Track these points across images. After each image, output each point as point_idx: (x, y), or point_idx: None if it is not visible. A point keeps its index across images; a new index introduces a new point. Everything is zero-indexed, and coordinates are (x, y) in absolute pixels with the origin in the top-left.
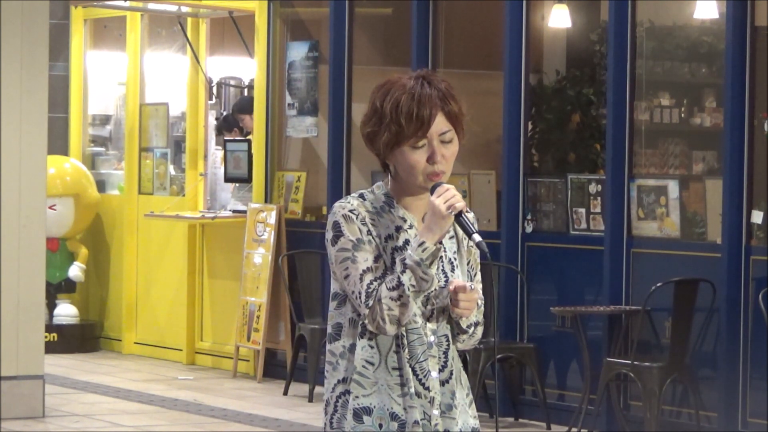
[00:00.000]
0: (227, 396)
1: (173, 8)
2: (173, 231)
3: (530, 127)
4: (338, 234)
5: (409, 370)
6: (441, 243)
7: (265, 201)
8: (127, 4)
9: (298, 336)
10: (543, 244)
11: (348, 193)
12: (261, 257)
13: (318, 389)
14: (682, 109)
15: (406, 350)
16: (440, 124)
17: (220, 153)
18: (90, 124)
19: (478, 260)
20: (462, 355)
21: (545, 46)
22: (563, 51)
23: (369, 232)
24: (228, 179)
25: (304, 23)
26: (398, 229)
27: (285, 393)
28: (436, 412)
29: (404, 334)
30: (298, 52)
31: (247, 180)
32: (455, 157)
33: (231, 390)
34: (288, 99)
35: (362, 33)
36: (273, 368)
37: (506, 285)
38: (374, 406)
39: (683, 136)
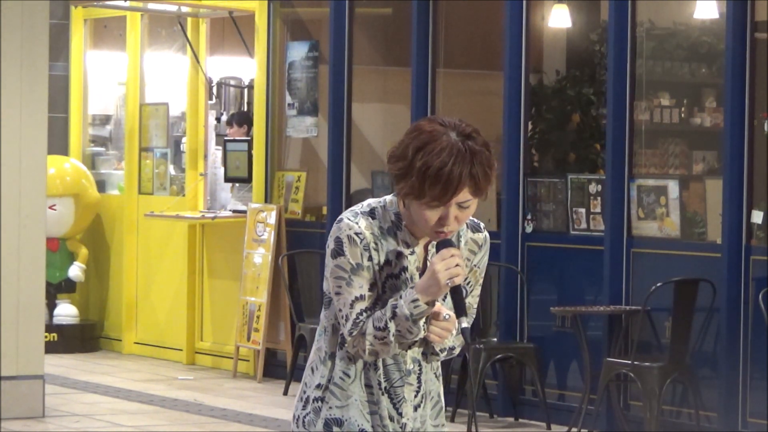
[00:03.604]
0: (227, 396)
1: (173, 8)
2: (173, 231)
3: (530, 127)
4: (339, 251)
5: (380, 391)
6: (434, 303)
7: (265, 201)
8: (127, 4)
9: (298, 336)
10: (543, 244)
11: (347, 193)
12: (261, 257)
13: None
14: (682, 109)
15: (380, 372)
16: (464, 195)
17: (220, 153)
18: (90, 124)
19: (480, 279)
20: (462, 355)
21: (545, 46)
22: (563, 51)
23: (370, 258)
24: (228, 179)
25: (304, 23)
26: (399, 255)
27: (285, 393)
28: None
29: None
30: (298, 52)
31: (247, 180)
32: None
33: (231, 390)
34: (288, 99)
35: (362, 33)
36: (273, 368)
37: (506, 285)
38: (345, 419)
39: (683, 136)
